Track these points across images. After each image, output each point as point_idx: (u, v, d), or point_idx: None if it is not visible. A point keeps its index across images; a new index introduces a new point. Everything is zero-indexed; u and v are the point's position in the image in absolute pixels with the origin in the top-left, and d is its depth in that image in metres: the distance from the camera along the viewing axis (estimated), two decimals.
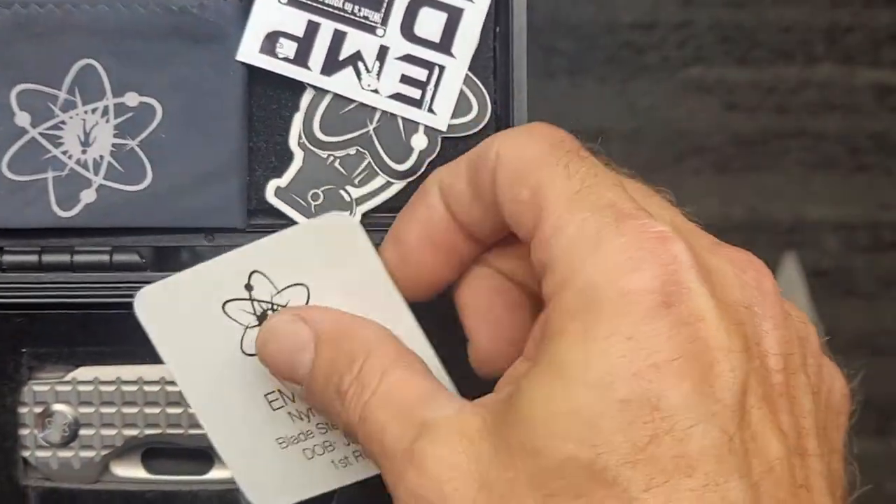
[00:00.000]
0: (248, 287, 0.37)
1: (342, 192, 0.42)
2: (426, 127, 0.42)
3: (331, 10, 0.42)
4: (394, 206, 0.42)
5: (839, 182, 0.90)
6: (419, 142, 0.43)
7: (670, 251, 0.32)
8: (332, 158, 0.43)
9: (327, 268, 0.37)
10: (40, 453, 0.45)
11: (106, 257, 0.43)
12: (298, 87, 0.42)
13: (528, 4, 0.87)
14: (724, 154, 0.90)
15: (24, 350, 0.45)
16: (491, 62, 0.43)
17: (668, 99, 0.91)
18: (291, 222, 0.42)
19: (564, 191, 0.33)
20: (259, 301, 0.38)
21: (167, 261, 0.43)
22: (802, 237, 0.89)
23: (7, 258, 0.43)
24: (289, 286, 0.37)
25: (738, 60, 0.92)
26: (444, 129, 0.43)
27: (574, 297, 0.32)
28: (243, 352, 0.38)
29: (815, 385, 0.35)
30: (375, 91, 0.42)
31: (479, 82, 0.43)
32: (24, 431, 0.45)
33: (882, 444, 0.88)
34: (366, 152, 0.42)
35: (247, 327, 0.38)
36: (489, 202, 0.36)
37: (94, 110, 0.43)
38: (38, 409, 0.45)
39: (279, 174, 0.43)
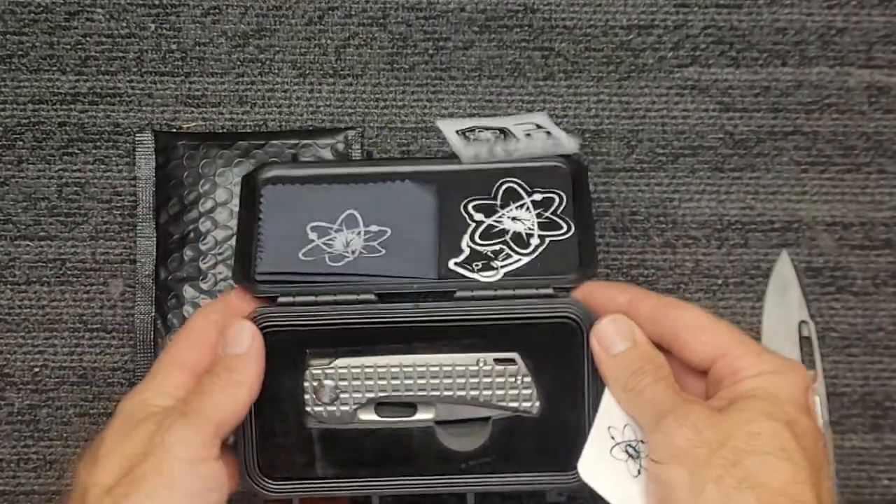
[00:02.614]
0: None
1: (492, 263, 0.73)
2: None
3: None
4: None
5: (833, 181, 0.91)
6: None
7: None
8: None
9: None
10: (317, 408, 0.73)
11: (353, 296, 0.72)
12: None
13: (528, 7, 0.88)
14: (719, 154, 0.90)
15: (307, 350, 0.72)
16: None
17: (664, 99, 0.91)
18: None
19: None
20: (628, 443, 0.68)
21: (390, 297, 0.72)
22: (796, 235, 0.90)
23: (298, 298, 0.72)
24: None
25: (732, 61, 0.91)
26: None
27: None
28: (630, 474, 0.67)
29: None
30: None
31: None
32: (307, 396, 0.72)
33: (877, 440, 0.89)
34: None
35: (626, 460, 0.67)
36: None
37: (353, 232, 0.75)
38: (315, 384, 0.72)
39: (457, 255, 0.74)
